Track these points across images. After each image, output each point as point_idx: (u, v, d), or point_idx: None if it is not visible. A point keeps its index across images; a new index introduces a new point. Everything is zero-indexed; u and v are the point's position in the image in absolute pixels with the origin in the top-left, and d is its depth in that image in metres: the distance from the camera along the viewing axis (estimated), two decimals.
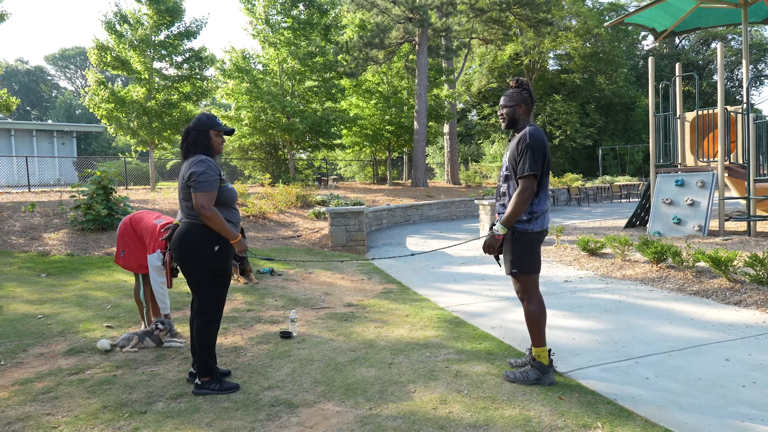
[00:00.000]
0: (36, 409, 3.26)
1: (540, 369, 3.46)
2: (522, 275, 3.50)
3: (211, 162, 3.44)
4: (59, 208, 11.28)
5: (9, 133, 28.47)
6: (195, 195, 3.33)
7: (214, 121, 3.53)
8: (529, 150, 3.34)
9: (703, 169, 10.37)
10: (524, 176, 3.35)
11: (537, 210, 3.44)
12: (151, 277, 4.46)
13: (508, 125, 3.56)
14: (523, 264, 3.48)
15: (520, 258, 3.47)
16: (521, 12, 25.74)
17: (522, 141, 3.39)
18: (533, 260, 3.50)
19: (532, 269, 3.50)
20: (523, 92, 3.53)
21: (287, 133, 21.34)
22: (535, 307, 3.51)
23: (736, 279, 5.86)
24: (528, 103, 3.52)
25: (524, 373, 3.48)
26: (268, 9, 21.32)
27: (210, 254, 3.38)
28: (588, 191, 22.24)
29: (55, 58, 65.60)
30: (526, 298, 3.54)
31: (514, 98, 3.52)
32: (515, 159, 3.43)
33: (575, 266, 7.74)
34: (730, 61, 40.10)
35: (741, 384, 3.36)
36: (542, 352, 3.48)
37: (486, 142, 36.18)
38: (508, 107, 3.53)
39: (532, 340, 3.53)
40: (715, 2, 11.19)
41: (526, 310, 3.54)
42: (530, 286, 3.53)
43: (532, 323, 3.50)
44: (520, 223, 3.43)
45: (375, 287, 6.89)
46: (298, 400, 3.31)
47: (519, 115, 3.52)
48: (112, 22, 18.64)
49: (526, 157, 3.34)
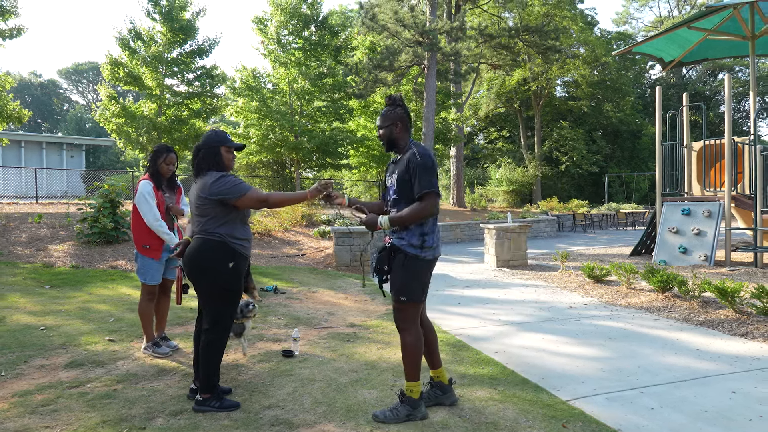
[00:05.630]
0: (35, 421, 3.24)
1: (411, 404, 3.26)
2: (408, 303, 3.25)
3: (231, 175, 3.50)
4: (66, 220, 11.33)
5: (19, 145, 28.73)
6: (245, 198, 3.37)
7: (223, 137, 3.55)
8: (421, 168, 3.12)
9: (709, 198, 10.35)
10: (425, 193, 3.11)
11: (430, 238, 3.24)
12: (144, 212, 4.37)
13: (388, 147, 3.34)
14: (411, 291, 3.23)
15: (408, 284, 3.22)
16: (530, 39, 26.00)
17: (412, 161, 3.16)
18: (422, 288, 3.27)
19: (419, 298, 3.27)
20: (398, 109, 3.30)
21: (294, 151, 21.49)
22: (415, 338, 3.29)
23: (743, 310, 5.80)
24: (404, 121, 3.30)
25: (394, 410, 3.25)
26: (279, 29, 21.66)
27: (224, 271, 3.39)
28: (593, 218, 22.19)
29: (68, 72, 66.52)
30: (406, 328, 3.28)
31: (389, 117, 3.28)
32: (405, 180, 3.19)
33: (580, 293, 7.69)
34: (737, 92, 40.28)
35: (748, 417, 3.31)
36: (415, 387, 3.28)
37: (492, 166, 36.31)
38: (385, 127, 3.30)
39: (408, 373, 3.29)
40: (723, 34, 11.31)
41: (404, 341, 3.28)
42: (414, 316, 3.30)
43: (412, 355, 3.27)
44: (412, 248, 3.20)
45: (378, 308, 6.86)
46: (298, 420, 3.28)
47: (397, 134, 3.30)
48: (126, 38, 18.95)
49: (422, 177, 3.11)
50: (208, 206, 3.40)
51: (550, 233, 18.95)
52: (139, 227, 4.47)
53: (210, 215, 3.41)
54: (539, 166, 33.98)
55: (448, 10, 26.78)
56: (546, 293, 7.74)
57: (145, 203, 4.37)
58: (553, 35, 25.90)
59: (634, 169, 36.27)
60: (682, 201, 10.62)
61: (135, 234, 4.52)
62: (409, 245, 3.21)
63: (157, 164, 4.51)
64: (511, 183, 31.99)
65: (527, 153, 36.04)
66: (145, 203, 4.37)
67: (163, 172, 4.55)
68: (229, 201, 3.39)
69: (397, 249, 3.24)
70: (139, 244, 4.48)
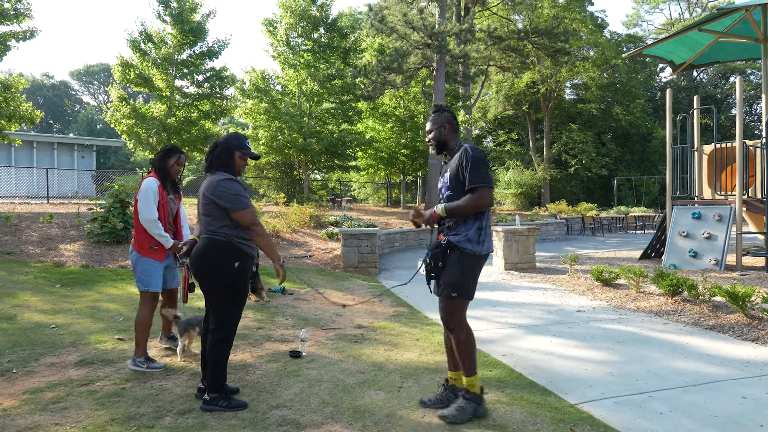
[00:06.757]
0: (45, 418, 3.27)
1: (474, 400, 3.29)
2: (458, 300, 3.30)
3: (238, 180, 3.52)
4: (76, 220, 11.43)
5: (31, 145, 29.02)
6: (239, 214, 3.40)
7: (242, 142, 3.58)
8: (472, 162, 3.23)
9: (720, 202, 10.27)
10: (477, 186, 3.21)
11: (485, 232, 3.31)
12: (141, 207, 4.23)
13: (438, 148, 3.49)
14: (463, 288, 3.28)
15: (461, 281, 3.27)
16: (539, 41, 25.94)
17: (463, 157, 3.28)
18: (473, 285, 3.34)
19: (469, 295, 3.32)
20: (444, 113, 3.47)
21: (303, 153, 21.55)
22: (467, 335, 3.33)
23: (754, 315, 5.75)
24: (452, 123, 3.45)
25: (460, 408, 3.25)
26: (289, 31, 21.74)
27: (231, 270, 3.42)
28: (602, 221, 22.08)
29: (79, 74, 67.08)
30: (455, 327, 3.32)
31: (437, 120, 3.45)
32: (458, 176, 3.30)
33: (588, 296, 7.65)
34: (749, 95, 39.94)
35: (759, 423, 3.28)
36: (475, 381, 3.31)
37: (501, 168, 36.20)
38: (434, 131, 3.46)
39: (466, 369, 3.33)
40: (735, 37, 11.22)
41: (456, 338, 3.32)
42: (462, 313, 3.36)
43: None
44: (468, 243, 3.27)
45: (386, 309, 6.86)
46: (305, 420, 3.29)
47: (445, 135, 3.45)
48: (137, 40, 19.08)
49: (473, 171, 3.22)
50: (213, 206, 3.43)
51: (559, 236, 18.87)
52: (143, 228, 4.28)
53: (215, 215, 3.44)
54: (548, 168, 33.84)
55: (457, 13, 26.78)
56: (554, 296, 7.71)
57: (146, 199, 4.22)
58: (563, 37, 25.82)
59: (644, 172, 36.05)
60: (692, 204, 10.54)
61: (140, 237, 4.29)
62: (466, 240, 3.27)
63: (167, 163, 4.40)
64: (519, 186, 31.88)
65: (536, 156, 35.92)
66: (146, 199, 4.22)
67: (173, 172, 4.46)
68: (224, 207, 3.41)
69: (453, 246, 3.30)
70: (146, 245, 4.27)
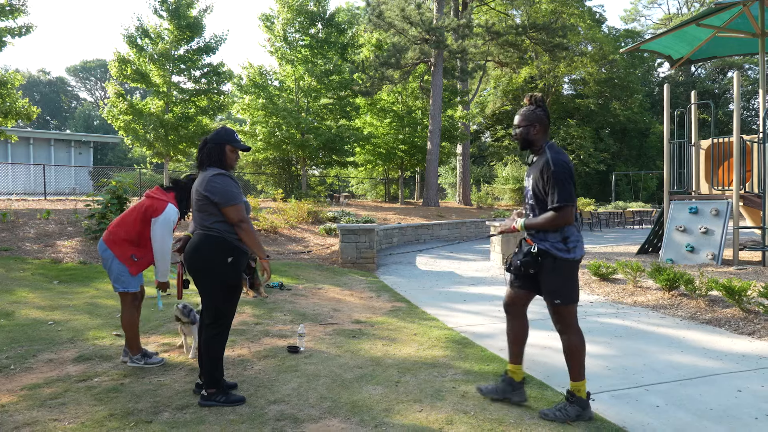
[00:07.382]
0: (43, 414, 3.28)
1: (580, 404, 3.23)
2: (564, 306, 3.25)
3: (230, 176, 3.51)
4: (74, 216, 11.41)
5: (28, 142, 28.93)
6: (226, 210, 3.40)
7: (231, 136, 3.58)
8: (556, 179, 3.11)
9: (717, 197, 10.29)
10: (560, 206, 3.10)
11: (572, 238, 3.22)
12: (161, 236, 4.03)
13: (523, 146, 3.35)
14: (565, 294, 3.23)
15: (561, 287, 3.22)
16: (537, 36, 25.90)
17: (545, 170, 3.16)
18: (575, 288, 3.27)
19: (574, 299, 3.27)
20: (538, 110, 3.30)
21: (301, 149, 21.52)
22: (578, 339, 3.28)
23: (750, 309, 5.77)
24: (543, 122, 3.29)
25: (562, 409, 3.23)
26: (286, 27, 21.69)
27: (224, 265, 3.42)
28: (600, 216, 22.09)
29: (76, 70, 66.83)
30: (565, 330, 3.29)
31: (528, 117, 3.30)
32: (540, 187, 3.22)
33: (586, 291, 7.67)
34: (746, 90, 39.99)
35: (753, 416, 3.30)
36: (582, 386, 3.26)
37: (499, 164, 36.22)
38: (522, 127, 3.31)
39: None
40: (733, 32, 11.22)
41: (566, 342, 3.28)
42: (571, 317, 3.29)
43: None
44: (558, 250, 3.20)
45: (384, 305, 6.87)
46: (303, 415, 3.30)
47: (534, 135, 3.29)
48: (133, 36, 18.98)
49: (556, 188, 3.11)
50: (206, 202, 3.44)
51: None
52: (137, 239, 4.09)
53: (209, 210, 3.44)
54: None
55: (455, 8, 26.70)
56: None
57: (167, 227, 4.03)
58: (561, 33, 25.78)
59: (642, 167, 36.08)
60: (689, 199, 10.56)
61: (125, 243, 4.09)
62: (555, 248, 3.20)
63: (190, 196, 3.95)
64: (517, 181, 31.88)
65: None
66: (167, 226, 4.02)
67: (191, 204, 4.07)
68: (214, 202, 3.41)
69: (545, 253, 3.22)
70: (128, 253, 4.08)
